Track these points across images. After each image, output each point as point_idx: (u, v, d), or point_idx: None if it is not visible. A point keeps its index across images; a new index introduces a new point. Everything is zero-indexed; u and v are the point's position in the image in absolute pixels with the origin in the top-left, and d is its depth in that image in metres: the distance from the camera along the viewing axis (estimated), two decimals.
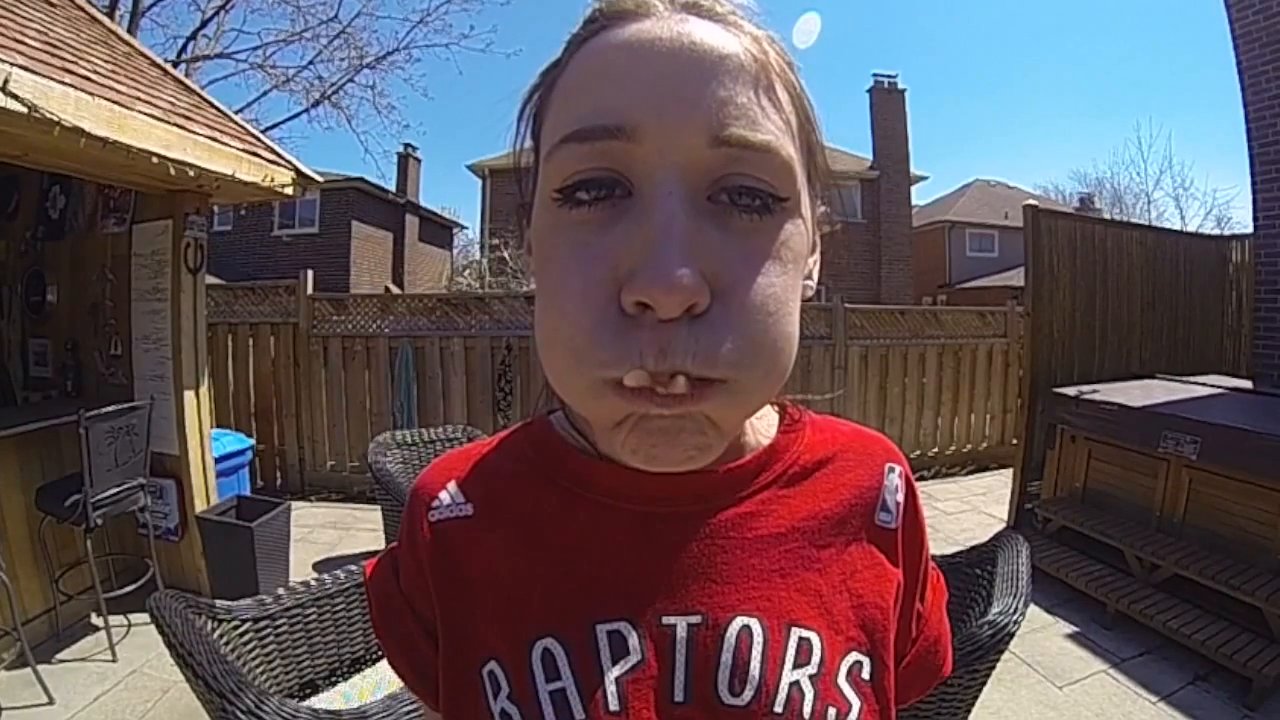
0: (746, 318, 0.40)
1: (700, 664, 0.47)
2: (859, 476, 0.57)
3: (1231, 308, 5.78)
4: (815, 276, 0.52)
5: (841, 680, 0.49)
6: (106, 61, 3.13)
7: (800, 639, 0.49)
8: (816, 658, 0.49)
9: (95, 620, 3.25)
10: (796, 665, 0.48)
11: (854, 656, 0.50)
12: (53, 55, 2.63)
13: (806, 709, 0.47)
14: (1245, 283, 5.60)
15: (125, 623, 3.26)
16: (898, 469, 0.60)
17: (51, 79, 2.42)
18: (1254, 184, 5.06)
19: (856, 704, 0.49)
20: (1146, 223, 21.05)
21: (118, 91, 2.82)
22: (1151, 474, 3.72)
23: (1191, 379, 4.58)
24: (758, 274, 0.41)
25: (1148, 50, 69.19)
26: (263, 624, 1.89)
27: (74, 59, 2.77)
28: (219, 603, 1.83)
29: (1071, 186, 32.99)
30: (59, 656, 3.05)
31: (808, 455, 0.56)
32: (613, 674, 0.47)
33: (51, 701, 2.67)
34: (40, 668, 2.74)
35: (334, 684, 2.04)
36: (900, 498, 0.58)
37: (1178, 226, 23.27)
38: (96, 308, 3.80)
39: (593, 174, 0.41)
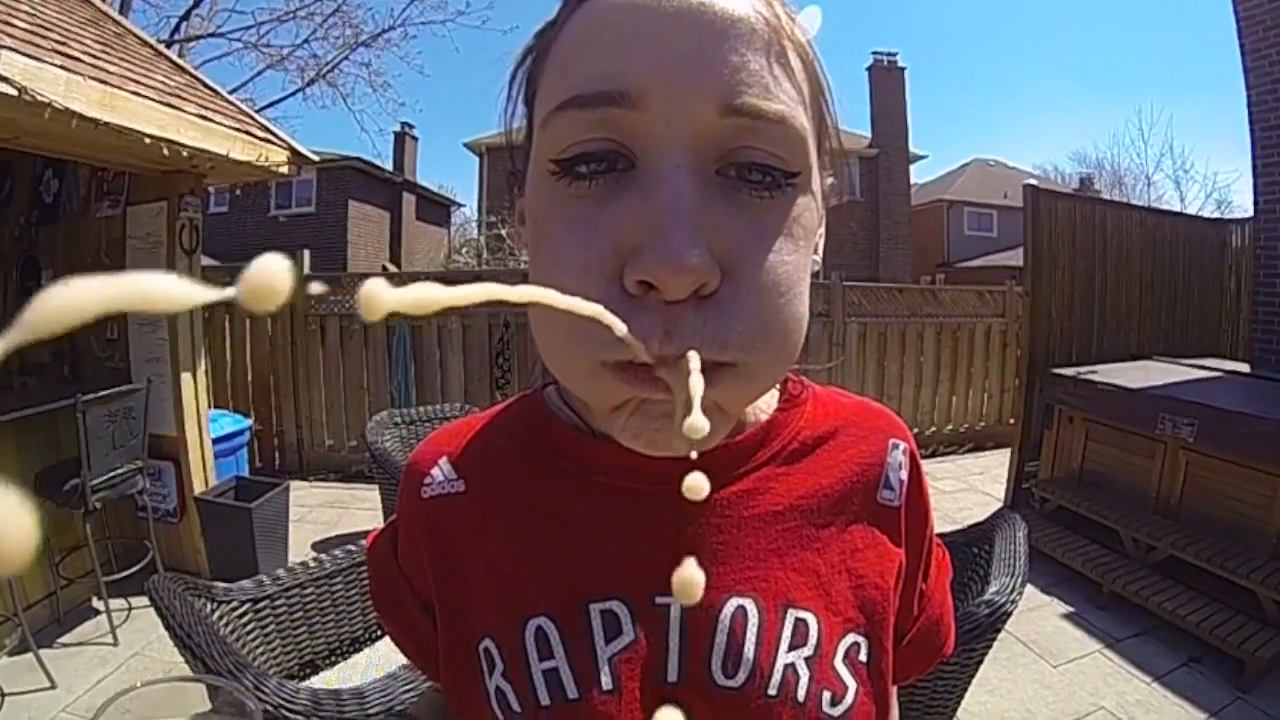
0: (758, 299, 0.38)
1: (694, 645, 0.47)
2: (861, 453, 0.56)
3: (1230, 291, 5.78)
4: (820, 251, 0.50)
5: (838, 662, 0.49)
6: (97, 42, 3.09)
7: (797, 620, 0.48)
8: (813, 639, 0.48)
9: (96, 604, 3.25)
10: (792, 647, 0.48)
11: (851, 638, 0.50)
12: (43, 37, 2.60)
13: (801, 691, 0.47)
14: (1244, 266, 5.59)
15: (126, 606, 3.27)
16: (902, 445, 0.58)
17: (42, 60, 2.39)
18: (1255, 168, 5.02)
19: (853, 686, 0.48)
20: (1146, 205, 20.99)
21: (109, 72, 2.79)
22: (1148, 456, 3.73)
23: (1189, 361, 4.58)
24: (769, 252, 0.39)
25: (1150, 32, 68.80)
26: (262, 605, 1.89)
27: (64, 40, 2.74)
28: (218, 584, 1.83)
29: (1071, 167, 32.87)
30: (60, 641, 3.06)
31: (808, 430, 0.55)
32: (605, 653, 0.47)
33: (54, 685, 2.68)
34: (42, 652, 2.75)
35: (334, 664, 2.04)
36: (904, 475, 0.57)
37: (1177, 209, 23.19)
38: None
39: (593, 145, 0.39)
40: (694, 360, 0.35)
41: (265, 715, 1.33)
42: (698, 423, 0.32)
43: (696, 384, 0.34)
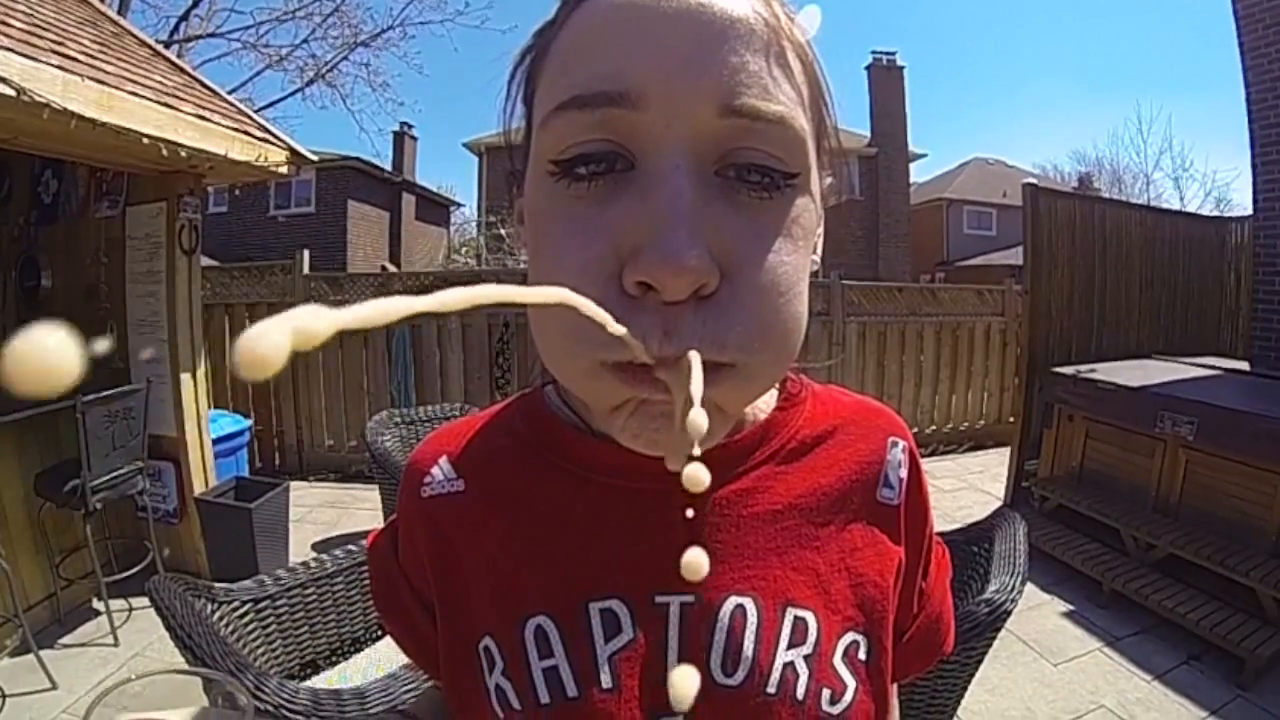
0: (757, 300, 0.38)
1: (693, 643, 0.47)
2: (860, 451, 0.56)
3: (1230, 289, 5.78)
4: (819, 251, 0.50)
5: (837, 661, 0.49)
6: (95, 42, 3.09)
7: (796, 619, 0.48)
8: (812, 638, 0.48)
9: (96, 605, 3.25)
10: (791, 645, 0.48)
11: (850, 636, 0.50)
12: (40, 37, 2.60)
13: (800, 690, 0.47)
14: (1244, 264, 5.60)
15: (126, 606, 3.27)
16: (901, 443, 0.58)
17: (39, 61, 2.39)
18: (1254, 166, 5.02)
19: (852, 685, 0.49)
20: (1145, 203, 21.00)
21: (107, 73, 2.79)
22: (1148, 454, 3.72)
23: (1189, 360, 4.58)
24: (768, 252, 0.39)
25: (1150, 31, 68.79)
26: (262, 605, 1.89)
27: (62, 40, 2.74)
28: (218, 585, 1.83)
29: (1070, 166, 32.74)
30: (61, 641, 3.06)
31: (807, 429, 0.55)
32: (605, 652, 0.47)
33: (55, 686, 2.68)
34: (43, 653, 2.74)
35: (335, 664, 2.04)
36: (904, 473, 0.57)
37: (1177, 207, 23.17)
38: (92, 292, 3.78)
39: (592, 146, 0.38)
40: (696, 387, 0.35)
41: (268, 715, 1.33)
42: (699, 475, 0.32)
43: (699, 422, 0.33)
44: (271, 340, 0.22)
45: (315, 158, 3.96)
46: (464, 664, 0.52)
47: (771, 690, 0.46)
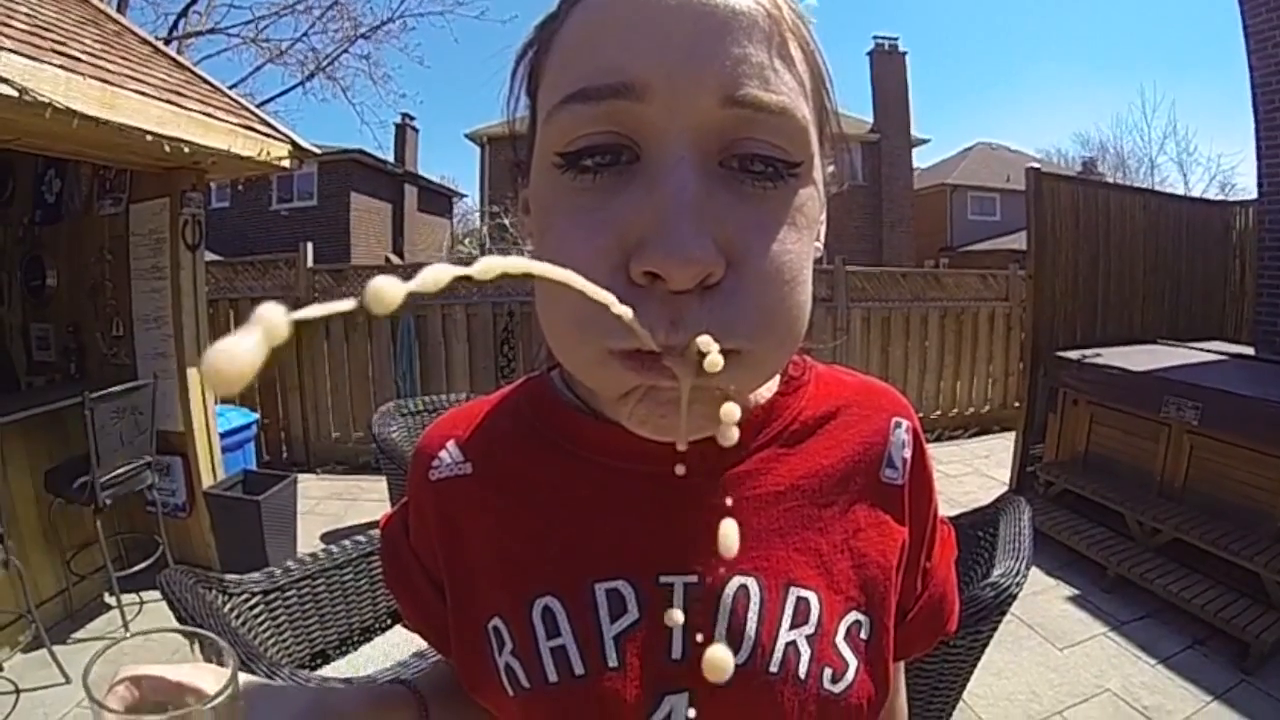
0: (761, 288, 0.39)
1: (696, 623, 0.48)
2: (864, 432, 0.56)
3: (1234, 274, 5.74)
4: (822, 237, 0.50)
5: (839, 640, 0.49)
6: (97, 41, 3.09)
7: (798, 599, 0.49)
8: (814, 617, 0.49)
9: (108, 599, 3.28)
10: (794, 625, 0.48)
11: (853, 616, 0.51)
12: (41, 37, 2.60)
13: (802, 669, 0.47)
14: (1248, 249, 5.56)
15: (137, 600, 3.29)
16: (905, 423, 0.58)
17: (41, 61, 2.39)
18: (1259, 150, 4.99)
19: (854, 664, 0.49)
20: (1150, 187, 20.85)
21: (109, 71, 2.79)
22: (1153, 439, 3.72)
23: (1193, 344, 4.57)
24: (772, 242, 0.40)
25: (1153, 14, 68.16)
26: (272, 596, 1.90)
27: (63, 40, 2.74)
28: (228, 577, 1.84)
29: (1075, 150, 32.44)
30: (74, 636, 3.09)
31: (810, 411, 0.56)
32: (611, 632, 0.48)
33: (68, 681, 2.70)
34: (56, 648, 2.76)
35: (345, 654, 2.06)
36: (907, 454, 0.57)
37: (1181, 192, 22.97)
38: (96, 289, 3.79)
39: (598, 138, 0.39)
40: (723, 378, 0.36)
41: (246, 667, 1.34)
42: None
43: (731, 412, 0.37)
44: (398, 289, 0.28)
45: (317, 150, 3.96)
46: (474, 644, 0.53)
47: (774, 669, 0.47)
